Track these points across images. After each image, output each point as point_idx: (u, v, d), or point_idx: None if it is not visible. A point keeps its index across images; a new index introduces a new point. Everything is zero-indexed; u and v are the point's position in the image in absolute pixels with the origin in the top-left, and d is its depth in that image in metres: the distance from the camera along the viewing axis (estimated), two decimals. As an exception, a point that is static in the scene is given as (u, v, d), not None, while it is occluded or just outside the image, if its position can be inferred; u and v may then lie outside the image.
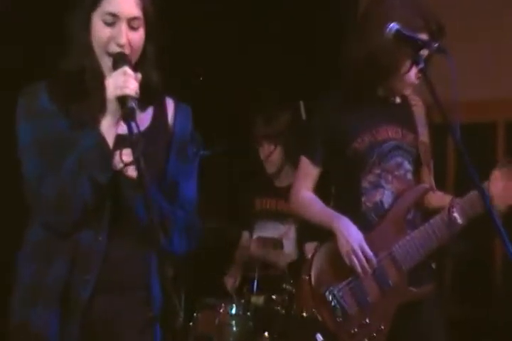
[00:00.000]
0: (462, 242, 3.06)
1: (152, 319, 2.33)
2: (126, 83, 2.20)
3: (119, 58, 2.29)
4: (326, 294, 3.00)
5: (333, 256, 3.06)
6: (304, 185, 3.20)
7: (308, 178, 3.20)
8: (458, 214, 3.03)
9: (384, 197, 3.09)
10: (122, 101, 2.19)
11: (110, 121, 2.25)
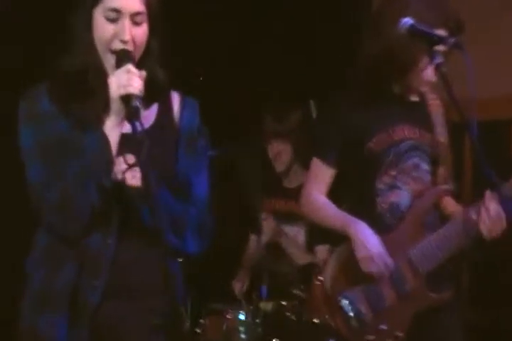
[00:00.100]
0: (480, 245, 2.97)
1: (158, 325, 2.31)
2: (130, 81, 2.16)
3: (123, 55, 2.25)
4: (341, 299, 2.97)
5: (348, 260, 3.01)
6: (316, 187, 3.13)
7: (320, 181, 3.13)
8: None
9: (400, 198, 3.03)
10: (126, 100, 2.16)
11: (114, 120, 2.21)
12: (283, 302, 3.83)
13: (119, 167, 2.22)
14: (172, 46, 2.39)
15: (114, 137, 2.21)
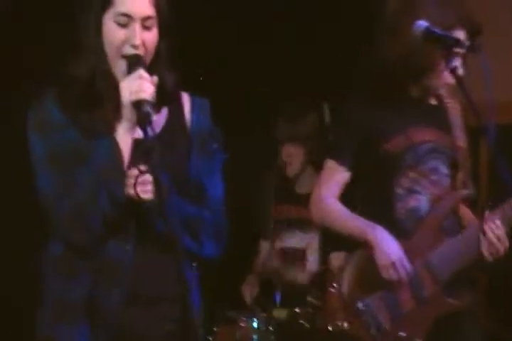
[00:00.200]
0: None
1: (171, 332, 2.29)
2: (141, 87, 2.14)
3: (135, 61, 2.23)
4: (360, 306, 2.93)
5: (365, 266, 2.97)
6: (328, 191, 3.07)
7: (334, 183, 3.07)
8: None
9: (420, 203, 2.99)
10: (138, 106, 2.13)
11: (126, 127, 2.19)
12: (296, 310, 3.80)
13: (131, 180, 2.18)
14: (183, 47, 2.37)
15: (126, 143, 2.19)
